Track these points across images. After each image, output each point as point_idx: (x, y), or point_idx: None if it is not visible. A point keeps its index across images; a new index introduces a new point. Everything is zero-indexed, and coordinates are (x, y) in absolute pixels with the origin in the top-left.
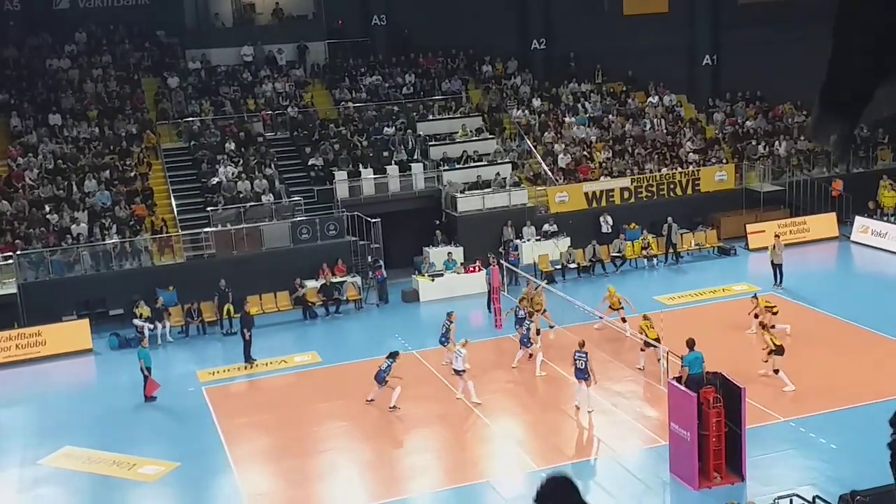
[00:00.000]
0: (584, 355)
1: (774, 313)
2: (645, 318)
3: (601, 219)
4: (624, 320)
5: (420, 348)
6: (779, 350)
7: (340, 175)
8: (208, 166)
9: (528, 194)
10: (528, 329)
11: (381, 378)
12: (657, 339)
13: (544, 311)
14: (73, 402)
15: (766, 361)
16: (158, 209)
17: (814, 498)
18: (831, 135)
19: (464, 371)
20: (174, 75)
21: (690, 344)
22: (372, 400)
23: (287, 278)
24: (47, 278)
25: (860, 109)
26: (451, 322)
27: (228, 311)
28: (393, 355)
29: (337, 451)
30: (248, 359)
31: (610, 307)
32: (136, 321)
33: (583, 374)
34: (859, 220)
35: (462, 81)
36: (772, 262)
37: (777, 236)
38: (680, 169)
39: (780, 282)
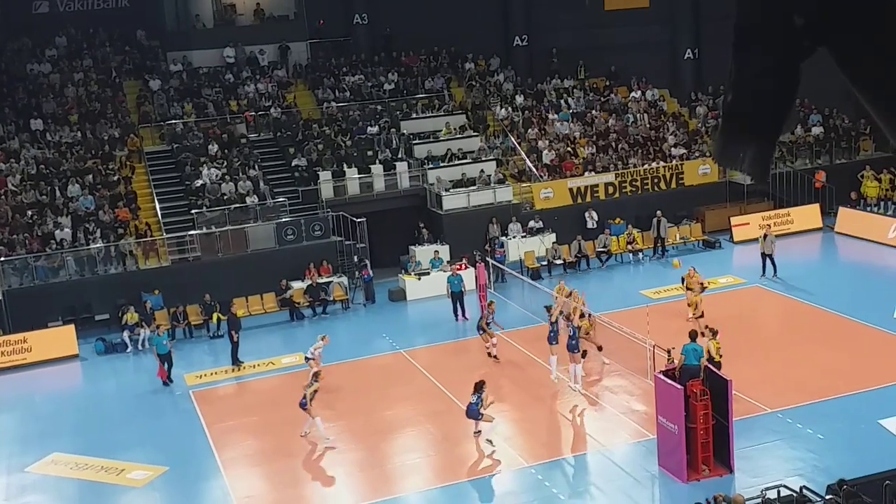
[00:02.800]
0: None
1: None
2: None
3: (586, 214)
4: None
5: (408, 347)
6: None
7: (325, 175)
8: (192, 169)
9: (513, 191)
10: (575, 337)
11: (475, 413)
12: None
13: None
14: (60, 408)
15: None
16: (142, 213)
17: (801, 488)
18: (742, 155)
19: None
20: (156, 78)
21: (692, 335)
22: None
23: (273, 280)
24: (32, 284)
25: (777, 125)
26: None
27: (217, 318)
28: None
29: (326, 452)
30: (236, 361)
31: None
32: (125, 334)
33: (575, 346)
34: (843, 211)
35: (445, 79)
36: (762, 252)
37: (768, 226)
38: (663, 163)
39: (775, 272)
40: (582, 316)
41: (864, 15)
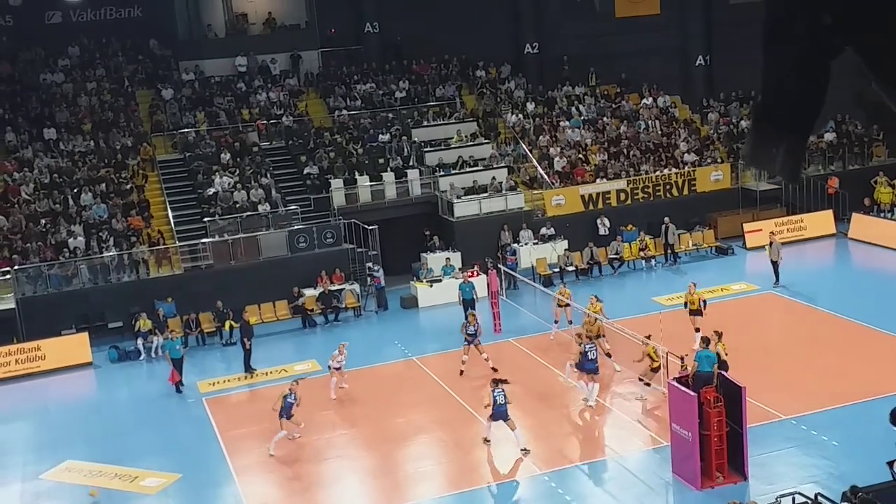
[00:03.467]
0: (594, 346)
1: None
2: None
3: (598, 221)
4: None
5: (420, 354)
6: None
7: (336, 183)
8: (204, 177)
9: (525, 198)
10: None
11: (503, 414)
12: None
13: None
14: (73, 415)
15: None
16: (155, 221)
17: (816, 495)
18: (775, 155)
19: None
20: (168, 87)
21: (706, 341)
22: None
23: (285, 287)
24: (45, 293)
25: (808, 123)
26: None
27: (230, 325)
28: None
29: (339, 458)
30: (248, 368)
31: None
32: (139, 341)
33: (594, 365)
34: (856, 217)
35: (456, 87)
36: (771, 260)
37: (772, 233)
38: (676, 170)
39: (777, 280)
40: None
41: (888, 15)
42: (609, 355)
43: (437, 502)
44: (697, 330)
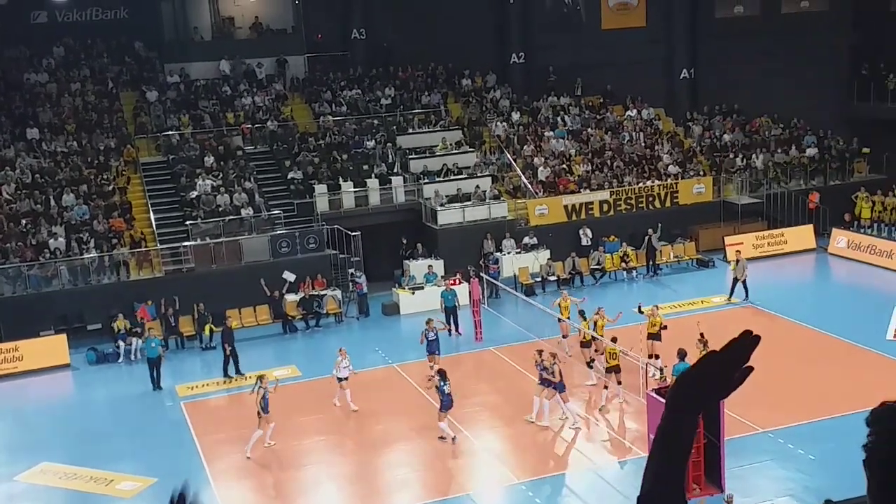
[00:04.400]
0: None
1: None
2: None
3: (581, 232)
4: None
5: (401, 361)
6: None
7: (320, 188)
8: (187, 180)
9: (508, 207)
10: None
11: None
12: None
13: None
14: (50, 417)
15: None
16: (137, 223)
17: None
18: None
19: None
20: (153, 89)
21: (681, 354)
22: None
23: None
24: (25, 293)
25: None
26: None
27: (210, 329)
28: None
29: (317, 465)
30: (226, 373)
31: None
32: (120, 343)
33: (558, 384)
34: (836, 232)
35: (441, 95)
36: (734, 277)
37: (738, 251)
38: (658, 182)
39: (747, 295)
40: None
41: None
42: (590, 364)
43: None
44: (657, 357)
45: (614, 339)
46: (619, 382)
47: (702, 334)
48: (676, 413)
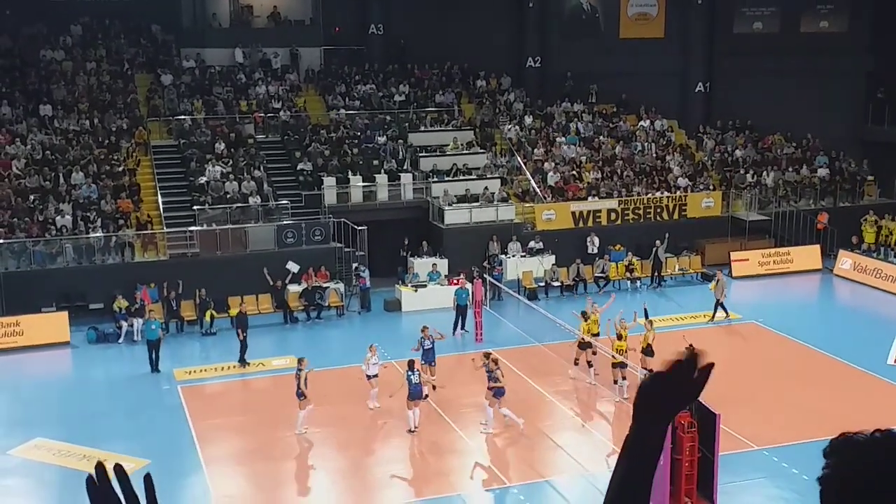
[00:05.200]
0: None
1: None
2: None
3: (588, 240)
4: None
5: (400, 358)
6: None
7: (329, 181)
8: (197, 165)
9: (516, 210)
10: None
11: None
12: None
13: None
14: (47, 394)
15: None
16: (144, 205)
17: None
18: None
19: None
20: (168, 73)
21: None
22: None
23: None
24: (29, 268)
25: None
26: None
27: (211, 315)
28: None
29: (310, 457)
30: (243, 360)
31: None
32: (123, 323)
33: (500, 389)
34: (843, 254)
35: (455, 94)
36: (716, 298)
37: (719, 270)
38: (668, 193)
39: (727, 314)
40: (620, 338)
41: None
42: (590, 363)
43: None
44: (650, 371)
45: (620, 337)
46: (624, 378)
47: (690, 346)
48: (641, 423)
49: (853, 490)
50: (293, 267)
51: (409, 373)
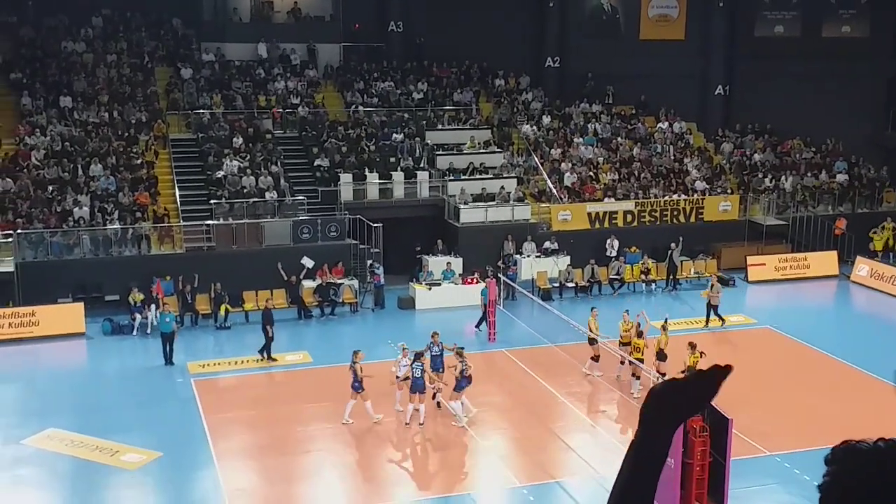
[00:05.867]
0: (420, 366)
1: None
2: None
3: (608, 242)
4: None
5: None
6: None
7: (346, 177)
8: (215, 159)
9: (532, 210)
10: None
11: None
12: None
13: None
14: (61, 384)
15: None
16: (162, 198)
17: None
18: None
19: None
20: (188, 66)
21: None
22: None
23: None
24: (46, 259)
25: None
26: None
27: (226, 309)
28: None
29: (321, 452)
30: (269, 355)
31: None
32: (137, 316)
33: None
34: (860, 261)
35: (474, 93)
36: (708, 302)
37: (714, 274)
38: (685, 196)
39: (721, 321)
40: (640, 335)
41: None
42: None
43: None
44: (663, 375)
45: (640, 335)
46: (638, 377)
47: (691, 343)
48: (647, 429)
49: (854, 499)
50: (308, 262)
51: (413, 365)
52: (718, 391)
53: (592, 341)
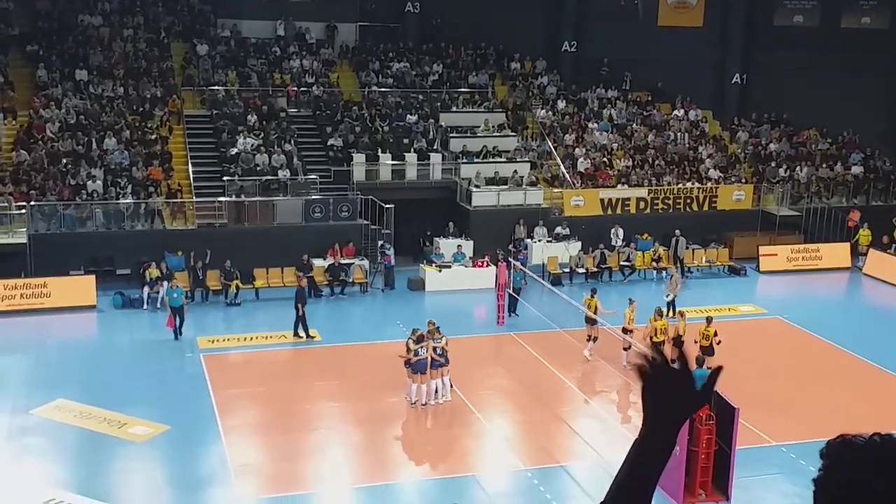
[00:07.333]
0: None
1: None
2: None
3: (612, 231)
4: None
5: None
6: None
7: (359, 158)
8: (228, 136)
9: (544, 195)
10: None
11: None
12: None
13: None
14: (71, 356)
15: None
16: (175, 174)
17: None
18: None
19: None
20: (203, 43)
21: (699, 361)
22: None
23: (296, 255)
24: (58, 231)
25: None
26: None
27: (237, 286)
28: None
29: (327, 430)
30: (297, 332)
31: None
32: (145, 290)
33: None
34: (873, 253)
35: (489, 76)
36: (667, 293)
37: (674, 267)
38: (698, 184)
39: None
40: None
41: None
42: (593, 339)
43: (418, 485)
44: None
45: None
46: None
47: (708, 318)
48: (651, 425)
49: (849, 493)
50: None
51: (417, 347)
52: (713, 388)
53: (591, 321)
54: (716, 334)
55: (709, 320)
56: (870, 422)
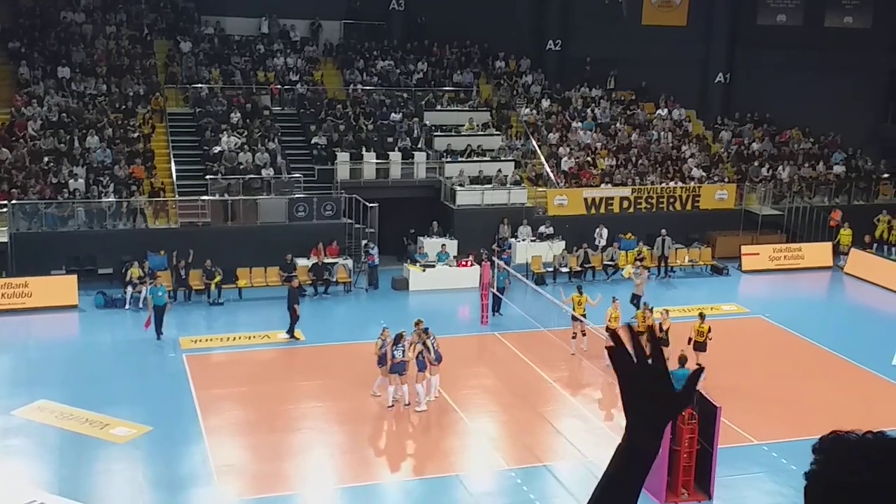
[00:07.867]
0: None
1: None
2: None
3: (596, 231)
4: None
5: None
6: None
7: (343, 156)
8: (212, 134)
9: (528, 194)
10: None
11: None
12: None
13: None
14: (53, 356)
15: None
16: (158, 172)
17: None
18: None
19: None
20: (187, 40)
21: (682, 361)
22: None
23: (279, 254)
24: (40, 230)
25: None
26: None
27: (217, 283)
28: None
29: (310, 430)
30: (293, 333)
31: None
32: (128, 290)
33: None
34: (854, 253)
35: (474, 74)
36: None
37: (639, 263)
38: (681, 184)
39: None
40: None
41: None
42: (583, 333)
43: (402, 485)
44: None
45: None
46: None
47: (701, 314)
48: (633, 428)
49: (840, 490)
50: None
51: (395, 347)
52: (694, 389)
53: (575, 319)
54: (710, 330)
55: (702, 316)
56: (852, 420)
